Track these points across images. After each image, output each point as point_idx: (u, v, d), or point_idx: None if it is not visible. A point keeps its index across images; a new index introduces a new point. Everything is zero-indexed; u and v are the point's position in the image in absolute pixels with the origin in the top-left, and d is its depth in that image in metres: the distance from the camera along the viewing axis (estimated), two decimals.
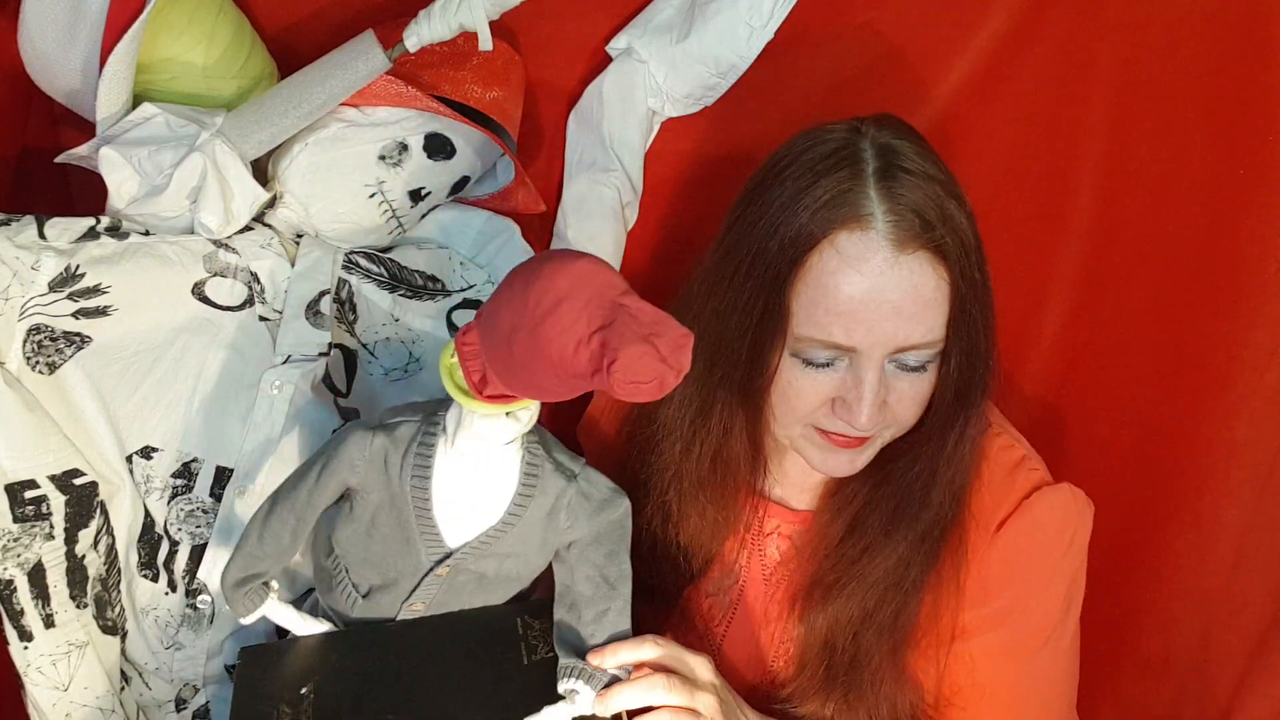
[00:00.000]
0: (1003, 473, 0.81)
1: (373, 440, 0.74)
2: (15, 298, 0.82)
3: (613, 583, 0.76)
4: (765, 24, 0.96)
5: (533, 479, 0.74)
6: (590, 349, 0.59)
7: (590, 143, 1.05)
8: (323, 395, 0.90)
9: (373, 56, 0.88)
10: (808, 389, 0.75)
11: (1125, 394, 0.99)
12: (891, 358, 0.73)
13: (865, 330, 0.71)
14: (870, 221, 0.71)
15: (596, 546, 0.76)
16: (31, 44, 0.88)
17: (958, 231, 0.72)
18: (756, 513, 0.88)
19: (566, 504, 0.75)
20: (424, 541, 0.75)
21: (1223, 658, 0.94)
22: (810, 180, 0.73)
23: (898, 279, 0.71)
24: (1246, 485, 0.91)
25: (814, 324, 0.72)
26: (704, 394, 0.82)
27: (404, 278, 0.97)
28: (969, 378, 0.76)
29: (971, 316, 0.74)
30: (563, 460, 0.76)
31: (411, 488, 0.74)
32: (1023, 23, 0.97)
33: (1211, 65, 0.90)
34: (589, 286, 0.61)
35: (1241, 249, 0.89)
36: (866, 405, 0.73)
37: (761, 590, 0.88)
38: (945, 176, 0.73)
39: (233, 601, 0.76)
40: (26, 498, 0.81)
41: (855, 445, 0.77)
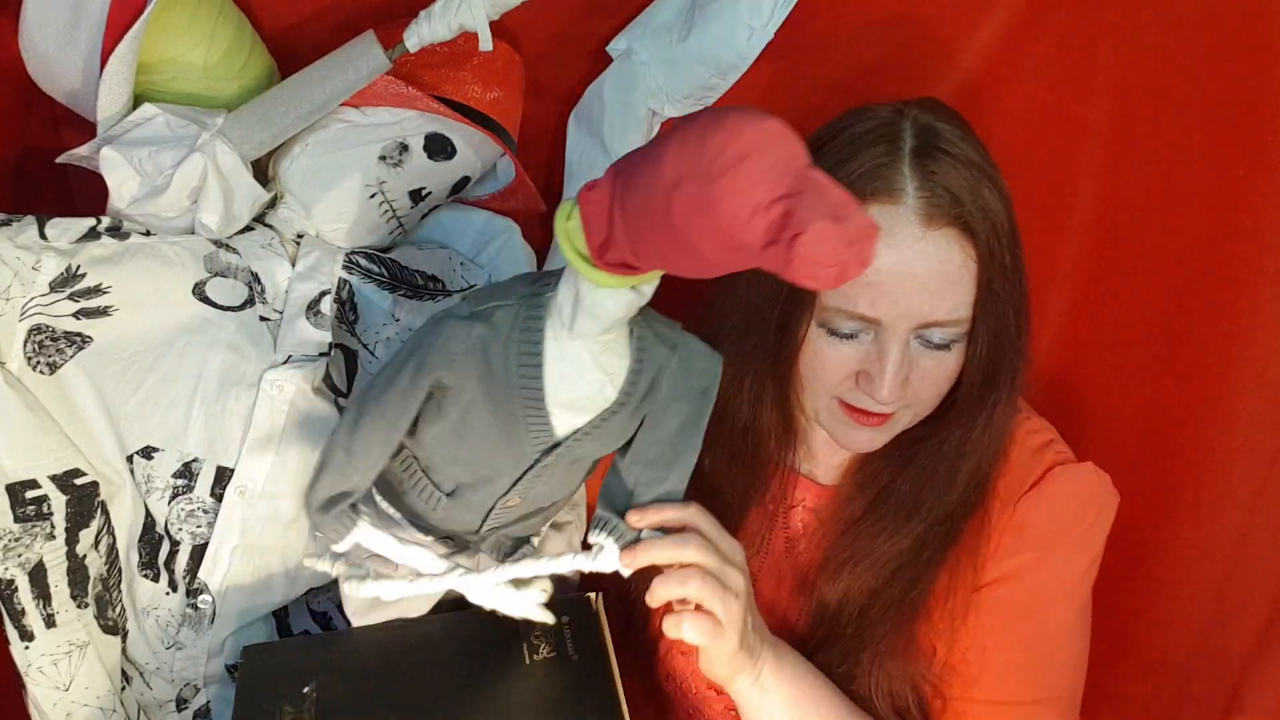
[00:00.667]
0: (1028, 454, 0.82)
1: (472, 330, 0.66)
2: (16, 298, 0.82)
3: (679, 452, 0.72)
4: (765, 24, 0.96)
5: (643, 353, 0.69)
6: (770, 217, 0.52)
7: (590, 143, 1.05)
8: (324, 395, 0.90)
9: (373, 57, 0.88)
10: (833, 360, 0.77)
11: (1125, 394, 0.99)
12: (916, 333, 0.74)
13: (890, 303, 0.73)
14: (901, 196, 0.73)
15: (677, 411, 0.71)
16: (32, 44, 0.88)
17: (989, 214, 0.73)
18: (785, 485, 0.90)
19: (669, 374, 0.70)
20: (531, 433, 0.69)
21: (1223, 658, 0.94)
22: (849, 154, 0.75)
23: (924, 253, 0.72)
24: (1246, 485, 0.91)
25: (841, 294, 0.74)
26: (736, 363, 0.82)
27: (404, 278, 0.98)
28: (996, 361, 0.76)
29: (999, 300, 0.74)
30: (662, 329, 0.71)
31: (520, 377, 0.67)
32: (1023, 23, 0.97)
33: (1211, 65, 0.90)
34: (779, 147, 0.54)
35: (1241, 249, 0.89)
36: (889, 378, 0.74)
37: (784, 562, 0.89)
38: (984, 160, 0.75)
39: (322, 525, 0.71)
40: (27, 497, 0.81)
41: (876, 423, 0.78)
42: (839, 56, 1.02)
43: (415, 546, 0.73)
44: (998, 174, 0.75)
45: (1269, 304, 0.88)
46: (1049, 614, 0.82)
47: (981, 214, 0.73)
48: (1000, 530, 0.81)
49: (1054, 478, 0.81)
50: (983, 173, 0.74)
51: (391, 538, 0.72)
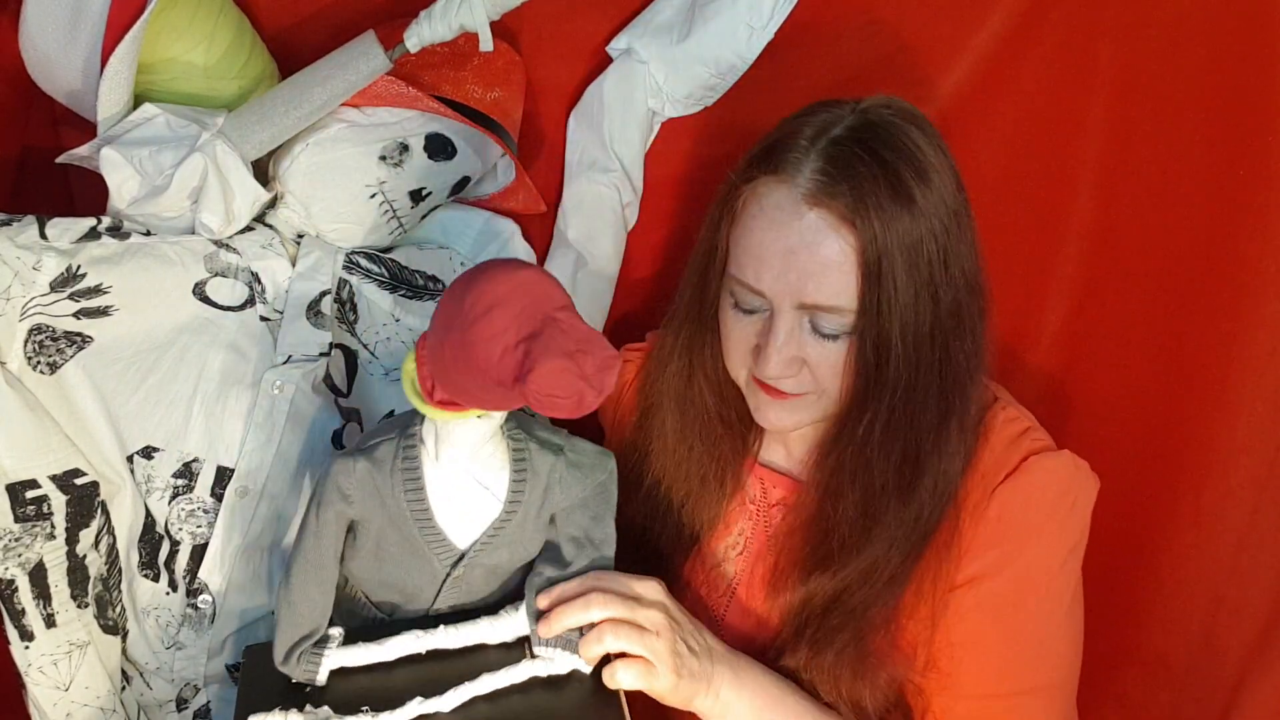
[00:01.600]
0: (1005, 442, 0.82)
1: (355, 465, 0.74)
2: (16, 298, 0.82)
3: (597, 543, 0.78)
4: (765, 24, 0.96)
5: (522, 463, 0.75)
6: (514, 357, 0.61)
7: (590, 143, 1.05)
8: (323, 395, 0.90)
9: (374, 57, 0.88)
10: (736, 331, 0.80)
11: (1125, 394, 0.99)
12: (805, 316, 0.76)
13: (773, 278, 0.75)
14: (794, 176, 0.75)
15: (583, 510, 0.78)
16: (33, 44, 0.88)
17: (881, 207, 0.72)
18: (760, 483, 0.90)
19: (558, 478, 0.76)
20: (434, 551, 0.76)
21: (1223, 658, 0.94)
22: (779, 135, 0.78)
23: (800, 231, 0.74)
24: (1246, 485, 0.91)
25: (737, 264, 0.78)
26: (673, 338, 0.88)
27: (405, 278, 0.98)
28: (880, 364, 0.75)
29: (889, 296, 0.73)
30: (546, 436, 0.77)
31: (408, 503, 0.74)
32: (1023, 23, 0.97)
33: (1211, 65, 0.90)
34: (525, 296, 0.63)
35: (1241, 249, 0.89)
36: (774, 352, 0.76)
37: (767, 560, 0.89)
38: (911, 159, 0.73)
39: (292, 673, 0.74)
40: (28, 497, 0.81)
41: (784, 398, 0.80)
42: (839, 56, 1.02)
43: (393, 638, 0.76)
44: (928, 178, 0.74)
45: (1269, 304, 0.88)
46: (1030, 605, 0.81)
47: (873, 205, 0.72)
48: (975, 521, 0.80)
49: (1029, 468, 0.80)
50: (897, 169, 0.73)
51: (367, 646, 0.76)
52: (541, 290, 0.64)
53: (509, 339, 0.62)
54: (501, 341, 0.62)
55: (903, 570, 0.80)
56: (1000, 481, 0.80)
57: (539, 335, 0.61)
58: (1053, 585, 0.81)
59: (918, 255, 0.74)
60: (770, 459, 0.91)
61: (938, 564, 0.80)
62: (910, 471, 0.79)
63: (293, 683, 0.74)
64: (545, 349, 0.61)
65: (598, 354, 0.62)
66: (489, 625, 0.75)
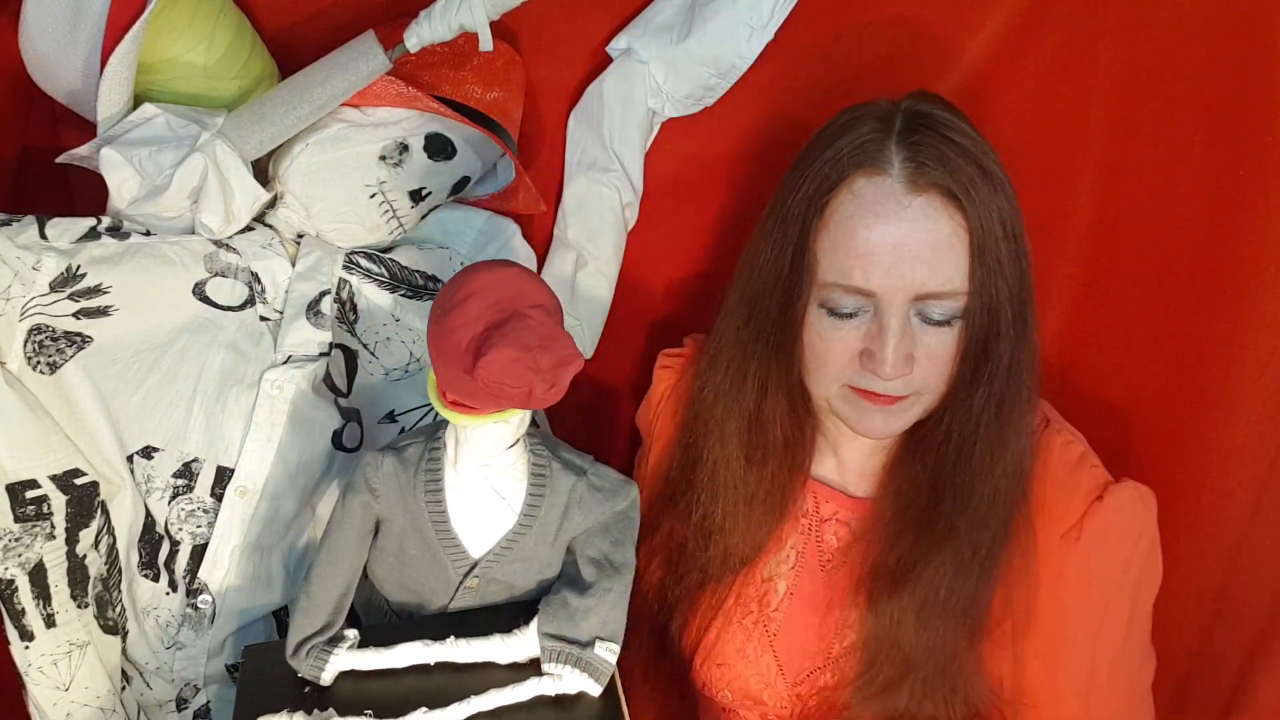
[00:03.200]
0: (1065, 469, 0.81)
1: (383, 461, 0.75)
2: (16, 298, 0.82)
3: (617, 567, 0.76)
4: (765, 24, 0.96)
5: (541, 479, 0.75)
6: (475, 344, 0.62)
7: (590, 143, 1.05)
8: (324, 395, 0.90)
9: (373, 57, 0.88)
10: (835, 341, 0.77)
11: (1125, 394, 0.99)
12: (915, 308, 0.75)
13: (883, 273, 0.73)
14: (887, 168, 0.74)
15: (604, 534, 0.77)
16: (32, 44, 0.88)
17: (976, 185, 0.73)
18: (813, 497, 0.89)
19: (578, 499, 0.76)
20: (449, 556, 0.76)
21: (1223, 658, 0.94)
22: (840, 134, 0.77)
23: (911, 220, 0.73)
24: (1246, 485, 0.91)
25: (835, 269, 0.75)
26: (742, 352, 0.84)
27: (405, 278, 0.98)
28: (992, 335, 0.75)
29: (995, 272, 0.74)
30: (570, 458, 0.77)
31: (427, 504, 0.75)
32: (1023, 23, 0.97)
33: (1211, 65, 0.90)
34: (502, 290, 0.65)
35: (1241, 249, 0.89)
36: (890, 351, 0.74)
37: (820, 577, 0.88)
38: (973, 139, 0.75)
39: (300, 668, 0.74)
40: (27, 497, 0.81)
41: (889, 403, 0.78)
42: (839, 56, 1.02)
43: (400, 645, 0.75)
44: (992, 156, 0.76)
45: (1269, 304, 0.88)
46: (1121, 653, 0.81)
47: (969, 183, 0.73)
48: (1057, 563, 0.80)
49: (1102, 510, 0.79)
50: (972, 150, 0.74)
51: (376, 651, 0.75)
52: (519, 287, 0.66)
53: (477, 327, 0.63)
54: (470, 330, 0.63)
55: (989, 565, 0.79)
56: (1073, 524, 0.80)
57: (502, 325, 0.63)
58: (1135, 623, 0.82)
59: (1010, 229, 0.75)
60: (820, 473, 0.90)
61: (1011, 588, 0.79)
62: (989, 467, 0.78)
63: (293, 683, 0.74)
64: (502, 338, 0.62)
65: (557, 351, 0.63)
66: (501, 643, 0.74)
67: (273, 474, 0.87)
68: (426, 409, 0.97)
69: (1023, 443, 0.79)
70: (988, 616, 0.80)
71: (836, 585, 0.86)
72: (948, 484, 0.79)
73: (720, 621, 0.90)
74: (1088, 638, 0.80)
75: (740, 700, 0.91)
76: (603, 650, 0.73)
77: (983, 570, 0.79)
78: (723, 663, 0.90)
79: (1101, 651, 0.81)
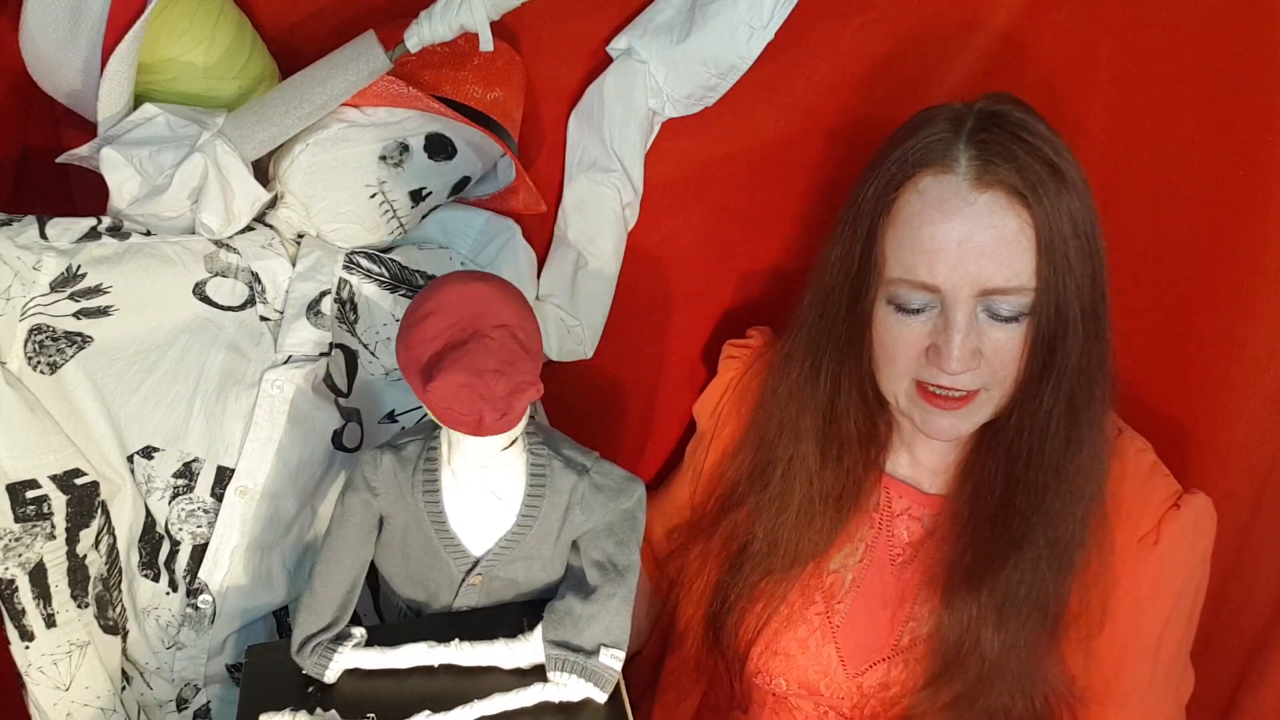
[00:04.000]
0: (1142, 475, 0.83)
1: (381, 458, 0.75)
2: (17, 298, 0.82)
3: (621, 570, 0.75)
4: (765, 25, 0.96)
5: (540, 478, 0.74)
6: (429, 364, 0.61)
7: (591, 143, 1.05)
8: (324, 395, 0.90)
9: (374, 57, 0.88)
10: (903, 337, 0.78)
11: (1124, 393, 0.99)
12: (981, 303, 0.75)
13: (948, 269, 0.74)
14: (954, 166, 0.75)
15: (608, 534, 0.76)
16: (33, 44, 0.88)
17: (1045, 183, 0.74)
18: (885, 492, 0.89)
19: (580, 498, 0.75)
20: (449, 554, 0.76)
21: (1223, 658, 0.94)
22: (910, 133, 0.78)
23: (976, 216, 0.74)
24: (1246, 485, 0.92)
25: (902, 265, 0.77)
26: (814, 348, 0.85)
27: (405, 278, 0.98)
28: (1059, 333, 0.76)
29: (1063, 270, 0.74)
30: (572, 455, 0.76)
31: (425, 503, 0.75)
32: (1023, 23, 0.97)
33: (1211, 65, 0.90)
34: (467, 308, 0.63)
35: (1241, 249, 0.89)
36: (956, 346, 0.75)
37: (889, 570, 0.88)
38: (1045, 137, 0.76)
39: (304, 665, 0.74)
40: (28, 497, 0.81)
41: (955, 407, 0.79)
42: (839, 57, 1.02)
43: (405, 646, 0.75)
44: (1066, 155, 0.76)
45: (1269, 304, 0.88)
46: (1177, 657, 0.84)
47: (1036, 180, 0.74)
48: (1134, 568, 0.81)
49: (1179, 517, 0.81)
50: (1043, 149, 0.75)
51: (379, 651, 0.75)
52: (486, 305, 0.64)
53: (434, 347, 0.62)
54: (428, 349, 0.62)
55: (1067, 562, 0.79)
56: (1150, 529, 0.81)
57: (459, 347, 0.62)
58: (1191, 629, 0.84)
59: (1080, 228, 0.75)
60: (894, 468, 0.90)
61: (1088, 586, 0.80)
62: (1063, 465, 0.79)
63: (296, 683, 0.74)
64: (455, 362, 0.61)
65: (513, 378, 0.62)
66: (505, 648, 0.74)
67: (273, 474, 0.87)
68: None
69: (1098, 442, 0.80)
70: (1065, 613, 0.81)
71: (906, 580, 0.87)
72: (1020, 480, 0.80)
73: (784, 612, 0.90)
74: (1153, 642, 0.82)
75: (795, 690, 0.90)
76: (608, 657, 0.72)
77: (1061, 567, 0.79)
78: (781, 652, 0.90)
79: (1161, 657, 0.82)
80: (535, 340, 0.68)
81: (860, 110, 1.01)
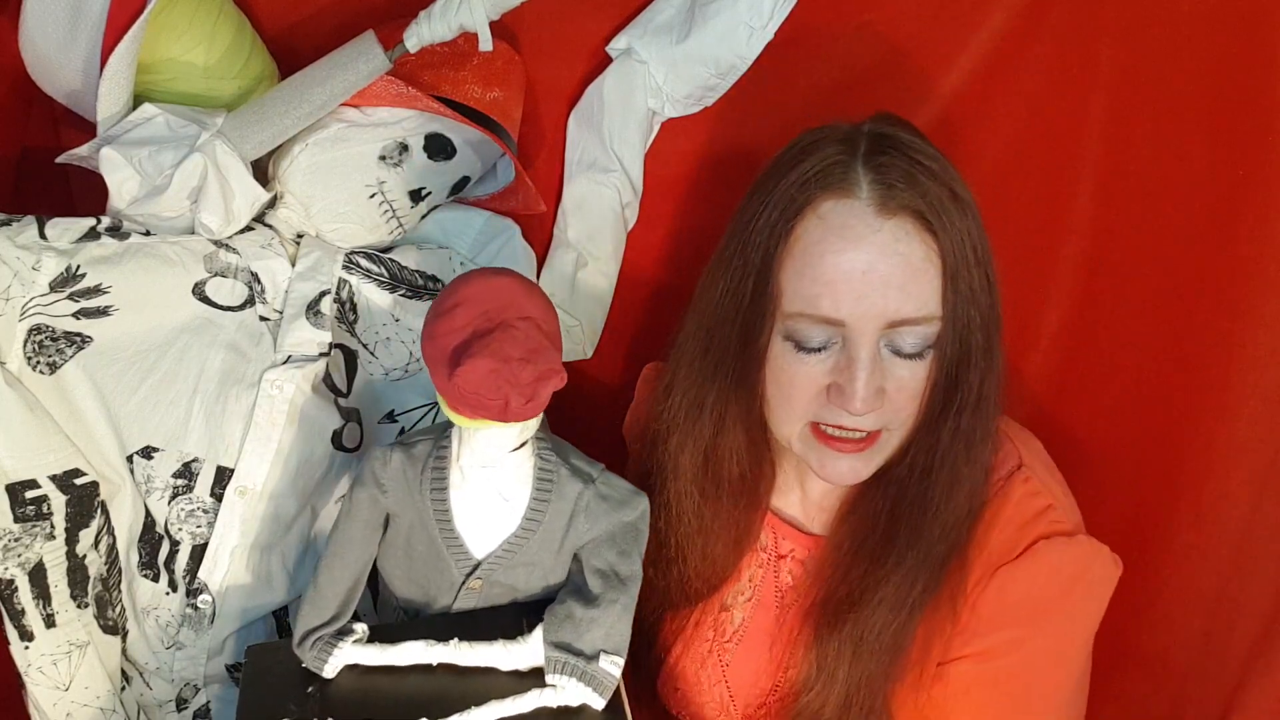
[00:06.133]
0: (1020, 521, 0.78)
1: (390, 456, 0.75)
2: (16, 298, 0.82)
3: (623, 579, 0.75)
4: (765, 24, 0.96)
5: (547, 484, 0.74)
6: (457, 352, 0.63)
7: (590, 143, 1.05)
8: (323, 395, 0.90)
9: (373, 57, 0.88)
10: (801, 377, 0.73)
11: (1125, 394, 0.99)
12: (885, 338, 0.71)
13: (854, 301, 0.70)
14: (855, 191, 0.71)
15: (610, 544, 0.75)
16: (32, 44, 0.89)
17: (946, 207, 0.71)
18: (772, 532, 0.88)
19: (585, 507, 0.74)
20: (452, 554, 0.76)
21: (1223, 658, 0.94)
22: (803, 156, 0.74)
23: (882, 245, 0.70)
24: (1246, 485, 0.91)
25: (801, 298, 0.72)
26: (699, 385, 0.80)
27: (404, 278, 0.98)
28: (962, 362, 0.73)
29: (967, 298, 0.72)
30: (579, 465, 0.76)
31: (432, 501, 0.75)
32: (1023, 23, 0.97)
33: (1211, 65, 0.90)
34: (493, 300, 0.65)
35: (1241, 249, 0.89)
36: (860, 385, 0.70)
37: (773, 612, 0.87)
38: (940, 162, 0.73)
39: (305, 659, 0.75)
40: (27, 497, 0.81)
41: (856, 449, 0.75)
42: (839, 57, 1.02)
43: (405, 644, 0.75)
44: (959, 180, 0.73)
45: (1269, 304, 0.88)
46: (1035, 689, 0.78)
47: (940, 206, 0.71)
48: (977, 597, 0.77)
49: (1039, 551, 0.76)
50: (940, 173, 0.72)
51: (378, 648, 0.75)
52: (511, 297, 0.66)
53: (461, 336, 0.64)
54: (456, 338, 0.63)
55: (921, 601, 0.76)
56: (1009, 560, 0.77)
57: (486, 335, 0.63)
58: (1060, 671, 0.79)
59: (980, 255, 0.72)
60: (782, 507, 0.88)
61: (932, 631, 0.77)
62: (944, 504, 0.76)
63: (296, 684, 0.74)
64: (483, 348, 0.62)
65: (539, 365, 0.62)
66: (503, 649, 0.74)
67: (272, 474, 0.87)
68: (426, 409, 0.97)
69: (977, 479, 0.76)
70: (907, 656, 0.77)
71: (785, 621, 0.85)
72: (904, 518, 0.77)
73: (679, 647, 0.90)
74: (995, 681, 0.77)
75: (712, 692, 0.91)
76: (607, 664, 0.72)
77: (913, 609, 0.76)
78: (680, 688, 0.90)
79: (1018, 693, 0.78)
80: (557, 333, 0.69)
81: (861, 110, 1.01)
